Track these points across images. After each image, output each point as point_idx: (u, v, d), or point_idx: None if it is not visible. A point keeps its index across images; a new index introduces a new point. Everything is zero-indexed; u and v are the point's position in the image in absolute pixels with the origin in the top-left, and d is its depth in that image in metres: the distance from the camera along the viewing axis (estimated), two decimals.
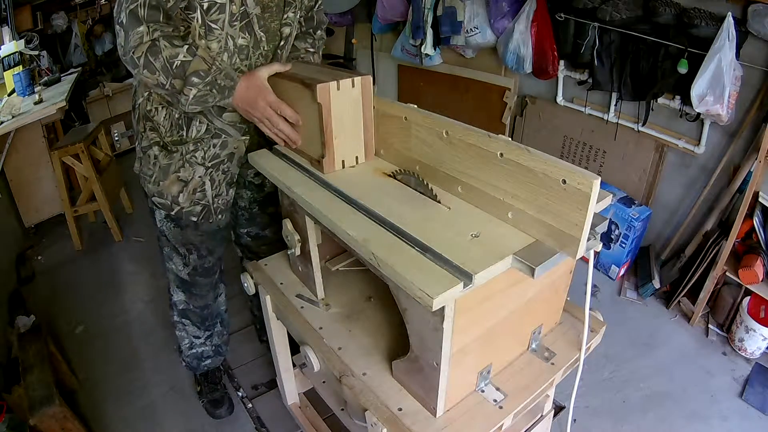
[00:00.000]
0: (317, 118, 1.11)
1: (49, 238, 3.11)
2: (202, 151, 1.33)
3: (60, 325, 2.36)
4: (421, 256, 0.84)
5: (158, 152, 1.34)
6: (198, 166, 1.34)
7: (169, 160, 1.33)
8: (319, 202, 1.05)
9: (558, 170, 0.80)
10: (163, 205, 1.40)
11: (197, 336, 1.76)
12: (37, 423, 1.56)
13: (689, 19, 1.95)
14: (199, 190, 1.37)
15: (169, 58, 1.09)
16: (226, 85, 1.16)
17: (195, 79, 1.12)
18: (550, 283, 1.05)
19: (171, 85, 1.12)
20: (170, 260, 1.57)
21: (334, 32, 3.62)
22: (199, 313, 1.69)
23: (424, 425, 0.96)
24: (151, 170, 1.37)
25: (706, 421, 1.79)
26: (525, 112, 2.88)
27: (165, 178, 1.35)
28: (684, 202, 2.37)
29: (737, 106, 1.98)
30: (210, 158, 1.34)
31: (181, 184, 1.35)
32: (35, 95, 2.86)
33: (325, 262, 1.37)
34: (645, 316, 2.27)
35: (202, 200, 1.39)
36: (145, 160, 1.38)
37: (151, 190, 1.40)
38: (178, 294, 1.65)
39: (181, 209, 1.39)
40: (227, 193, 1.42)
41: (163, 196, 1.38)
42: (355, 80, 1.10)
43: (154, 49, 1.09)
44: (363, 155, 1.20)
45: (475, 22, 2.62)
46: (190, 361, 1.83)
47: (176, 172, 1.34)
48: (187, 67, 1.11)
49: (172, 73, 1.11)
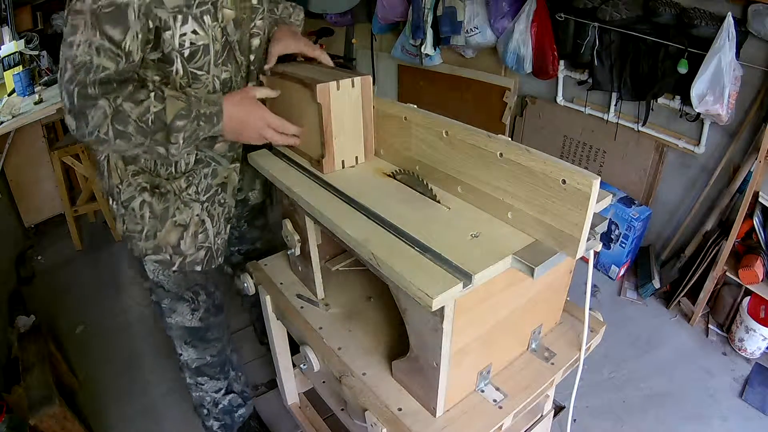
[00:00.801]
0: (317, 118, 1.10)
1: (49, 238, 3.10)
2: (194, 185, 1.20)
3: (60, 325, 2.35)
4: (421, 256, 0.84)
5: (149, 198, 1.18)
6: (194, 203, 1.21)
7: (164, 203, 1.19)
8: (319, 202, 1.05)
9: (558, 170, 0.80)
10: (161, 263, 1.26)
11: (218, 389, 1.56)
12: (37, 423, 1.56)
13: (689, 19, 1.95)
14: (201, 231, 1.24)
15: (141, 117, 0.98)
16: (212, 112, 1.05)
17: (179, 123, 1.00)
18: (550, 283, 1.05)
19: (152, 141, 1.01)
20: (173, 314, 1.38)
21: (334, 32, 3.62)
22: (218, 362, 1.51)
23: (424, 425, 0.96)
24: (140, 224, 1.21)
25: (706, 421, 1.79)
26: (525, 112, 2.88)
27: (162, 226, 1.20)
28: (684, 202, 2.37)
29: (737, 106, 1.98)
30: (204, 191, 1.22)
31: (180, 230, 1.22)
32: (35, 95, 2.86)
33: (325, 262, 1.37)
34: (645, 316, 2.27)
35: (205, 243, 1.26)
36: (129, 216, 1.21)
37: (143, 248, 1.23)
38: (188, 351, 1.45)
39: (184, 260, 1.25)
40: (225, 231, 1.31)
41: (160, 251, 1.23)
42: (354, 80, 1.09)
43: (120, 116, 0.97)
44: (363, 155, 1.19)
45: (475, 22, 2.62)
46: (223, 418, 1.62)
47: (173, 216, 1.20)
48: (164, 115, 0.99)
49: (151, 130, 0.99)
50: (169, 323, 1.41)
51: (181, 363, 1.51)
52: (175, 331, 1.43)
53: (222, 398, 1.60)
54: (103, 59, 0.94)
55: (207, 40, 1.04)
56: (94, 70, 0.94)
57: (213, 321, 1.45)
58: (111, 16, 0.92)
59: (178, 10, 0.98)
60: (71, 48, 0.94)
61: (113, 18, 0.92)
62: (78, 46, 0.93)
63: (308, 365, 1.18)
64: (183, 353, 1.48)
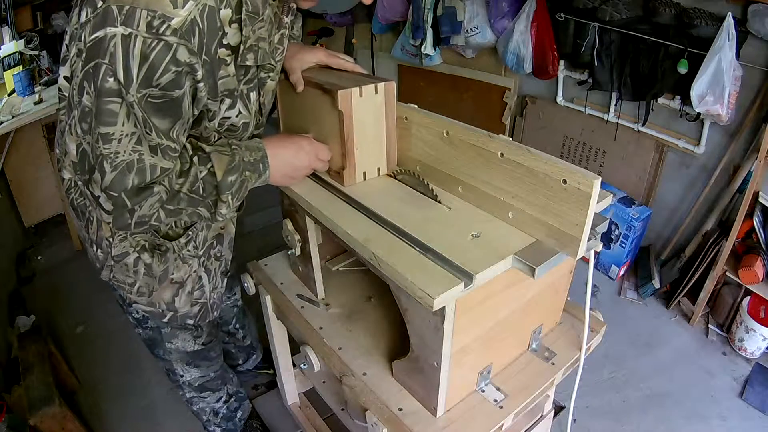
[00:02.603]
0: (337, 127, 1.03)
1: (49, 238, 3.10)
2: (192, 241, 1.10)
3: (60, 325, 2.35)
4: (422, 257, 0.84)
5: (149, 258, 1.06)
6: (192, 259, 1.12)
7: (164, 263, 1.08)
8: (319, 202, 1.04)
9: (558, 170, 0.80)
10: (151, 314, 1.17)
11: (219, 399, 1.55)
12: (37, 423, 1.56)
13: (689, 19, 1.95)
14: (197, 288, 1.17)
15: (191, 188, 0.86)
16: (256, 159, 0.94)
17: (230, 178, 0.89)
18: (551, 283, 1.05)
19: (207, 206, 0.90)
20: (173, 339, 1.29)
21: (334, 32, 3.62)
22: (219, 375, 1.50)
23: (424, 425, 0.96)
24: (133, 278, 1.08)
25: (706, 421, 1.79)
26: (525, 112, 2.88)
27: (158, 285, 1.10)
28: (684, 202, 2.37)
29: (737, 106, 1.98)
30: (201, 245, 1.12)
31: (176, 287, 1.13)
32: (35, 95, 2.85)
33: (325, 262, 1.37)
34: (645, 316, 2.27)
35: (200, 299, 1.19)
36: (119, 268, 1.07)
37: (131, 299, 1.14)
38: (190, 372, 1.40)
39: (175, 313, 1.17)
40: (222, 285, 1.24)
41: (153, 305, 1.15)
42: (378, 86, 1.02)
43: (170, 195, 0.85)
44: (385, 166, 1.12)
45: (475, 22, 2.62)
46: (225, 426, 1.62)
47: (171, 274, 1.11)
48: (213, 178, 0.88)
49: (202, 197, 0.88)
50: (168, 348, 1.31)
51: (180, 383, 1.44)
52: (172, 355, 1.34)
53: (221, 407, 1.58)
54: (159, 159, 0.81)
55: (249, 118, 0.96)
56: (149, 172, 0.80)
57: (214, 343, 1.41)
58: (163, 107, 0.79)
59: (227, 94, 0.88)
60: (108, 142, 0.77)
61: (165, 108, 0.79)
62: (116, 141, 0.77)
63: (308, 365, 1.18)
64: (185, 375, 1.41)
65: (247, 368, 1.93)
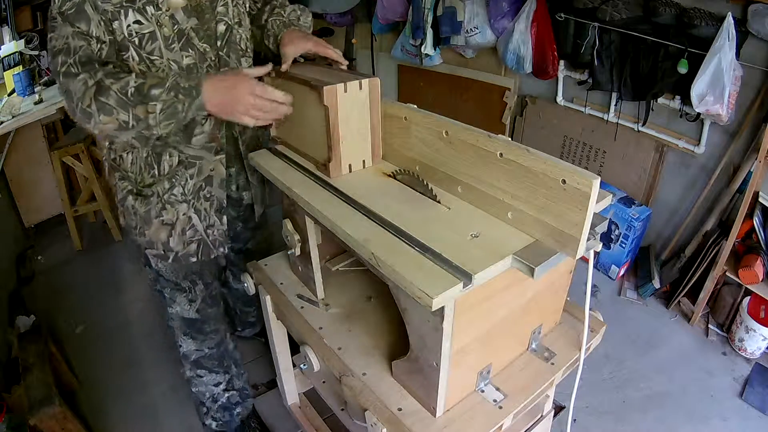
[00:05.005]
0: (323, 121, 1.09)
1: (49, 238, 3.10)
2: (179, 186, 1.24)
3: (60, 325, 2.36)
4: (421, 256, 0.84)
5: (134, 201, 1.26)
6: (179, 204, 1.26)
7: (146, 206, 1.25)
8: (319, 203, 1.05)
9: (558, 170, 0.80)
10: (158, 256, 1.32)
11: (218, 383, 1.59)
12: (37, 423, 1.56)
13: (689, 19, 1.95)
14: (189, 228, 1.29)
15: (121, 90, 1.02)
16: (191, 85, 1.06)
17: (155, 92, 1.03)
18: (550, 283, 1.05)
19: (134, 116, 1.04)
20: (173, 303, 1.44)
21: (334, 32, 3.62)
22: (216, 354, 1.55)
23: (424, 425, 0.96)
24: (134, 220, 1.29)
25: (706, 421, 1.79)
26: (525, 112, 2.88)
27: (149, 225, 1.27)
28: (684, 202, 2.37)
29: (737, 106, 1.98)
30: (190, 190, 1.26)
31: (168, 228, 1.27)
32: (35, 95, 2.86)
33: (325, 262, 1.37)
34: (645, 316, 2.27)
35: (194, 237, 1.31)
36: (126, 212, 1.30)
37: (141, 243, 1.32)
38: (188, 343, 1.50)
39: (176, 254, 1.31)
40: (221, 222, 1.34)
41: (154, 246, 1.30)
42: (362, 82, 1.08)
43: (101, 88, 1.02)
44: (370, 159, 1.18)
45: (475, 22, 2.62)
46: (222, 416, 1.65)
47: (158, 216, 1.26)
48: (143, 88, 1.03)
49: (131, 102, 1.03)
50: (171, 314, 1.46)
51: (181, 355, 1.55)
52: (175, 321, 1.48)
53: (221, 394, 1.61)
54: (77, 41, 1.05)
55: (152, 27, 1.09)
56: (72, 51, 1.04)
57: (210, 312, 1.49)
58: (74, 13, 1.04)
59: (119, 5, 1.06)
60: (51, 43, 1.07)
61: (76, 13, 1.04)
62: (56, 40, 1.05)
63: (308, 365, 1.18)
64: (182, 345, 1.52)
65: (245, 335, 2.09)
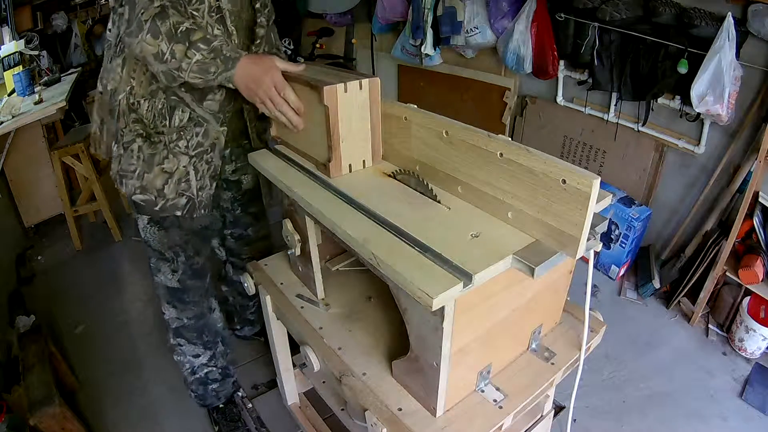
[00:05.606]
0: (323, 121, 1.09)
1: (49, 238, 3.11)
2: (185, 140, 1.31)
3: (60, 325, 2.36)
4: (421, 256, 0.84)
5: (142, 143, 1.32)
6: (182, 155, 1.33)
7: (153, 150, 1.32)
8: (319, 203, 1.05)
9: (558, 170, 0.80)
10: (146, 202, 1.36)
11: (196, 355, 1.66)
12: (37, 423, 1.56)
13: (689, 19, 1.95)
14: (184, 180, 1.35)
15: (176, 24, 1.10)
16: (231, 56, 1.13)
17: (201, 45, 1.11)
18: (550, 283, 1.05)
19: (171, 52, 1.11)
20: (158, 272, 1.52)
21: (334, 32, 3.62)
22: (194, 326, 1.61)
23: (424, 425, 0.96)
24: (134, 164, 1.33)
25: (706, 421, 1.79)
26: (525, 112, 2.88)
27: (150, 170, 1.33)
28: (684, 202, 2.37)
29: (737, 106, 1.98)
30: (194, 147, 1.33)
31: (166, 176, 1.33)
32: (35, 95, 2.86)
33: (325, 262, 1.37)
34: (645, 316, 2.27)
35: (187, 191, 1.37)
36: (126, 156, 1.35)
37: (132, 186, 1.36)
38: (170, 310, 1.58)
39: (166, 201, 1.36)
40: (210, 187, 1.41)
41: (146, 191, 1.35)
42: (362, 82, 1.07)
43: (163, 14, 1.09)
44: (370, 159, 1.18)
45: (475, 22, 2.62)
46: (197, 389, 1.74)
47: (160, 163, 1.32)
48: (192, 34, 1.11)
49: (176, 38, 1.10)
50: (156, 282, 1.55)
51: (165, 322, 1.63)
52: (160, 290, 1.56)
53: (200, 368, 1.69)
54: None
55: None
56: None
57: (190, 284, 1.55)
58: None
59: None
60: None
61: None
62: None
63: (308, 365, 1.18)
64: (165, 312, 1.60)
65: (244, 335, 2.13)
